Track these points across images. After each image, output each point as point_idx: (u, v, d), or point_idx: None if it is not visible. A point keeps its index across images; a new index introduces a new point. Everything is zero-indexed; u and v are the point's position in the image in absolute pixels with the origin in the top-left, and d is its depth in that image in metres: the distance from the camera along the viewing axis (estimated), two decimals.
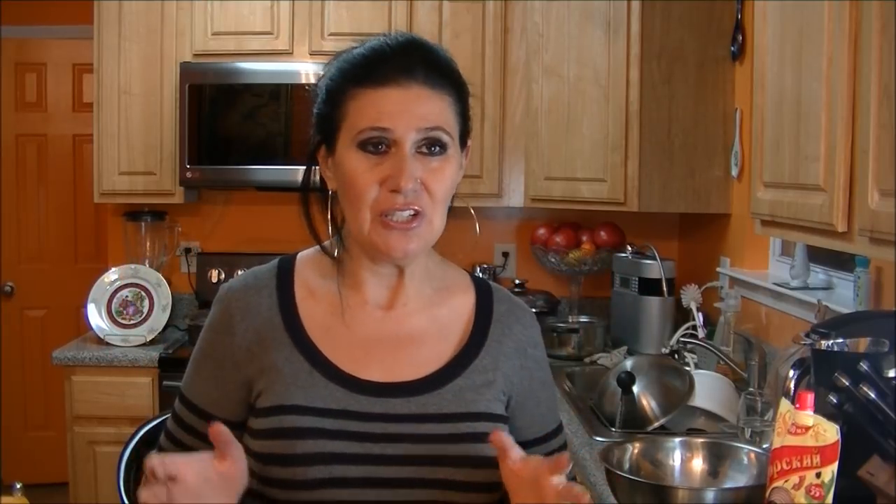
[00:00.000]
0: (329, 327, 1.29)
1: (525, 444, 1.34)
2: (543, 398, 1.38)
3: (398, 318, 1.31)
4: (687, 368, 2.57)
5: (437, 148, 1.23)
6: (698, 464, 1.62)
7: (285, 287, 1.32)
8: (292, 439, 1.21)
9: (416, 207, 1.22)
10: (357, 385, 1.25)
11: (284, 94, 3.40)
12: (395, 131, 1.20)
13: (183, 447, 1.34)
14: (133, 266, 3.59)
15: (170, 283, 3.58)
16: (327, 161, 1.28)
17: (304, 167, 1.32)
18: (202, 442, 1.29)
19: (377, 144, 1.21)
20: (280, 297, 1.30)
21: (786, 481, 1.28)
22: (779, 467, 1.30)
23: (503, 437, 1.16)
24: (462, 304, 1.35)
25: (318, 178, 1.31)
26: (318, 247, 1.35)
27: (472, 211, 1.35)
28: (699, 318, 2.82)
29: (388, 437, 1.23)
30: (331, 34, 3.44)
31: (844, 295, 2.43)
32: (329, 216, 1.31)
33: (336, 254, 1.32)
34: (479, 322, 1.34)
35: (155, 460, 1.08)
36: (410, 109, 1.21)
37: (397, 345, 1.30)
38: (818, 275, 2.66)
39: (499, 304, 1.37)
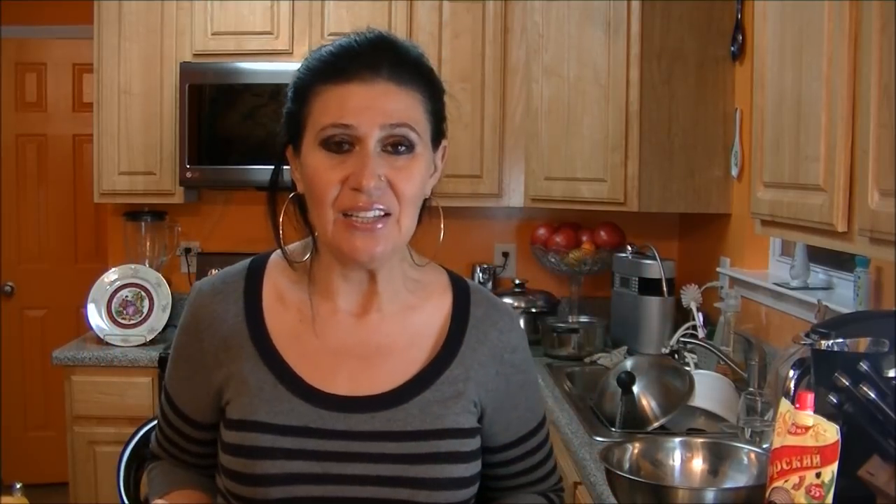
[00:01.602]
0: (297, 336, 1.26)
1: (502, 448, 1.34)
2: (522, 400, 1.35)
3: (370, 327, 1.27)
4: (687, 368, 2.57)
5: (404, 147, 1.18)
6: (698, 464, 1.62)
7: (253, 292, 1.29)
8: (253, 459, 1.20)
9: (381, 207, 1.17)
10: (321, 399, 1.22)
11: (284, 94, 3.39)
12: (357, 128, 1.16)
13: (169, 441, 1.37)
14: (133, 266, 3.59)
15: (170, 283, 3.58)
16: (295, 162, 1.25)
17: (273, 168, 1.29)
18: (182, 439, 1.34)
19: (340, 143, 1.17)
20: (246, 304, 1.28)
21: (786, 481, 1.28)
22: (779, 467, 1.30)
23: None
24: (438, 309, 1.31)
25: (289, 178, 1.28)
26: (292, 246, 1.31)
27: (441, 211, 1.29)
28: (699, 318, 2.82)
29: (348, 456, 1.20)
30: (331, 34, 3.44)
31: (844, 295, 2.43)
32: (301, 219, 1.27)
33: (307, 257, 1.28)
34: (454, 328, 1.30)
35: None
36: (374, 105, 1.17)
37: (366, 355, 1.26)
38: (818, 275, 2.66)
39: (476, 308, 1.32)
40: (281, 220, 1.27)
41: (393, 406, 1.23)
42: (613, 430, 2.38)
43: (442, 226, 1.28)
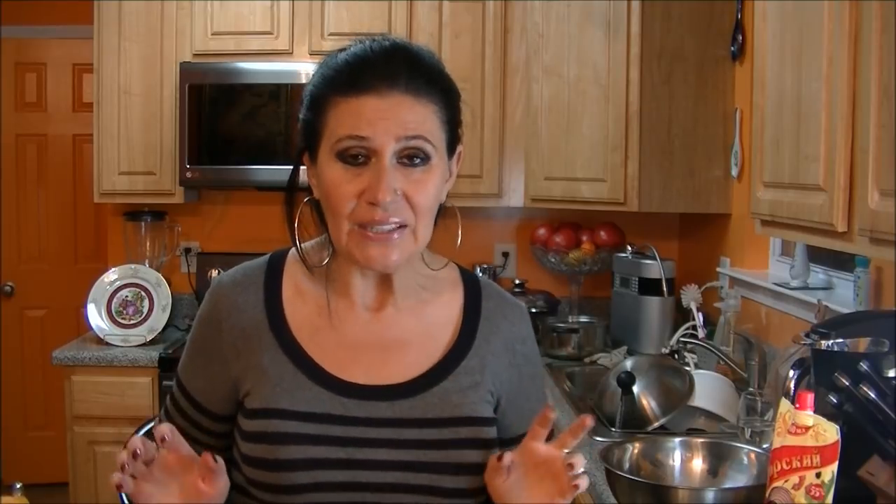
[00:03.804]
0: (316, 329, 1.28)
1: (516, 440, 1.34)
2: (533, 391, 1.37)
3: (386, 320, 1.30)
4: (687, 368, 2.57)
5: (419, 159, 1.19)
6: (698, 464, 1.62)
7: (273, 285, 1.31)
8: (276, 444, 1.21)
9: (396, 220, 1.19)
10: (342, 388, 1.25)
11: (284, 93, 3.40)
12: (373, 140, 1.17)
13: (179, 430, 1.35)
14: (133, 266, 3.59)
15: (170, 283, 3.58)
16: (312, 168, 1.26)
17: (291, 170, 1.30)
18: (196, 429, 1.33)
19: (356, 156, 1.18)
20: (267, 296, 1.30)
21: (786, 481, 1.28)
22: (779, 467, 1.30)
23: (496, 462, 1.18)
24: (450, 302, 1.34)
25: (306, 180, 1.29)
26: (308, 244, 1.33)
27: (458, 215, 1.31)
28: (699, 318, 2.82)
29: (370, 442, 1.22)
30: (331, 34, 3.44)
31: (844, 295, 2.43)
32: (318, 220, 1.29)
33: (325, 262, 1.30)
34: (467, 320, 1.33)
35: (165, 427, 1.15)
36: (390, 117, 1.17)
37: (384, 348, 1.28)
38: (818, 275, 2.66)
39: (487, 301, 1.35)
40: (299, 220, 1.29)
41: (412, 395, 1.25)
42: (613, 430, 2.38)
43: (459, 229, 1.30)
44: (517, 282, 3.65)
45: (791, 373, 1.65)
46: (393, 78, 1.19)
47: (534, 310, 3.49)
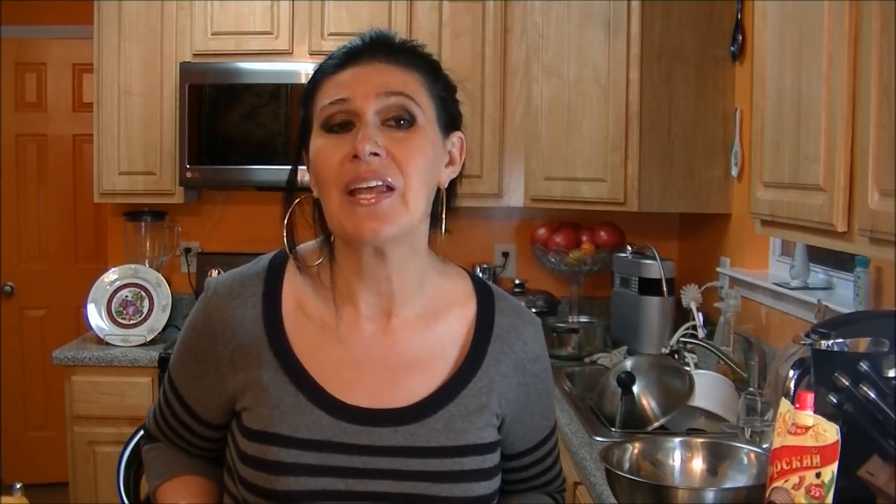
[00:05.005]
0: (318, 346, 1.23)
1: (516, 455, 1.33)
2: (538, 409, 1.34)
3: (392, 336, 1.25)
4: (687, 368, 2.57)
5: (405, 121, 1.18)
6: (698, 464, 1.62)
7: (273, 296, 1.25)
8: (275, 474, 1.17)
9: (381, 178, 1.14)
10: (344, 412, 1.20)
11: (284, 93, 3.40)
12: (353, 100, 1.17)
13: (171, 430, 1.35)
14: (133, 266, 3.59)
15: (170, 283, 3.58)
16: (308, 161, 1.23)
17: (290, 169, 1.27)
18: (187, 432, 1.32)
19: (342, 124, 1.18)
20: (265, 310, 1.24)
21: (786, 481, 1.28)
22: (779, 467, 1.30)
23: None
24: (461, 318, 1.28)
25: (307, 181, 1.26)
26: (308, 245, 1.29)
27: (444, 196, 1.26)
28: (699, 318, 2.82)
29: (372, 473, 1.18)
30: (331, 34, 3.45)
31: (844, 295, 2.43)
32: (318, 221, 1.25)
33: (320, 261, 1.26)
34: (478, 338, 1.27)
35: None
36: (370, 79, 1.19)
37: (390, 367, 1.24)
38: (818, 275, 2.66)
39: (500, 318, 1.30)
40: (295, 221, 1.26)
41: (417, 420, 1.21)
42: (613, 430, 2.38)
43: (443, 211, 1.26)
44: (517, 282, 3.65)
45: (791, 373, 1.65)
46: (374, 51, 1.21)
47: (534, 310, 3.49)
